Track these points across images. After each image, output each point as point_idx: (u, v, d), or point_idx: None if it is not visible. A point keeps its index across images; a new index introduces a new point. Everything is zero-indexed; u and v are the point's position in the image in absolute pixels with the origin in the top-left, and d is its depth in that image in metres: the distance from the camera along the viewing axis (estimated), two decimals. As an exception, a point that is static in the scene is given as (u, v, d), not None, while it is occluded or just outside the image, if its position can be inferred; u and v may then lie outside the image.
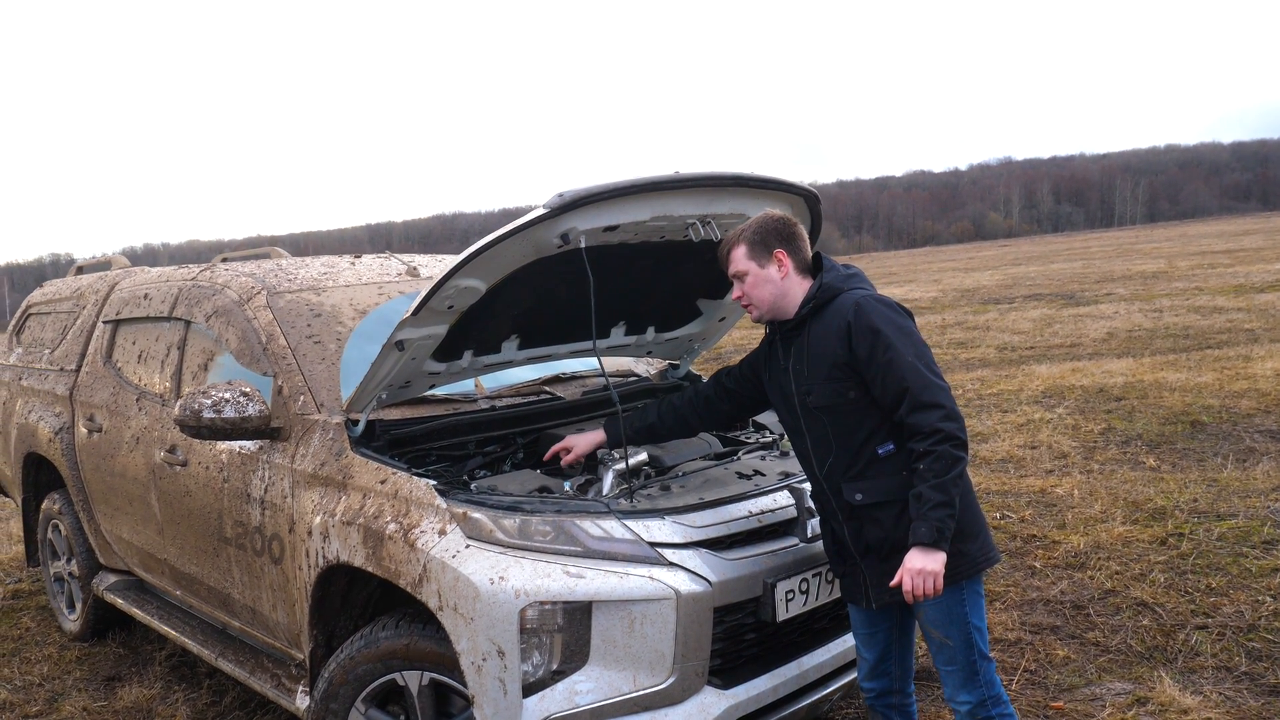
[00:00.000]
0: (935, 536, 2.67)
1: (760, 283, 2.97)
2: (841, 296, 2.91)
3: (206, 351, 4.28)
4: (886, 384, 2.78)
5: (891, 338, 2.79)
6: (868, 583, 2.94)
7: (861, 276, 3.05)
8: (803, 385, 2.95)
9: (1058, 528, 5.90)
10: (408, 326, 3.15)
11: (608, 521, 2.92)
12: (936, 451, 2.69)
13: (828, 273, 2.99)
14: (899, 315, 2.88)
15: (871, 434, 2.86)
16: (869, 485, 2.86)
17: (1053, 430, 8.75)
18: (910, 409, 2.74)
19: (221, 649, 4.16)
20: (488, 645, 2.80)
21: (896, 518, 2.83)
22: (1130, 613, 4.67)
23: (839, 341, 2.85)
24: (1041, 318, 18.74)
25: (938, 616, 2.88)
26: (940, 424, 2.70)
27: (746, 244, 2.97)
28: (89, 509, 5.08)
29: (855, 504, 2.88)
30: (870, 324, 2.80)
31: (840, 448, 2.90)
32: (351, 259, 4.73)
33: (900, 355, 2.77)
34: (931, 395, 2.74)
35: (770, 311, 3.00)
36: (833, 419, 2.90)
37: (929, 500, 2.68)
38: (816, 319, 2.93)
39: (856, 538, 2.92)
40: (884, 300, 2.90)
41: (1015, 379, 11.70)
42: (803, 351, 2.95)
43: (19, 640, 5.46)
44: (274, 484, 3.65)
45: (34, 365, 5.66)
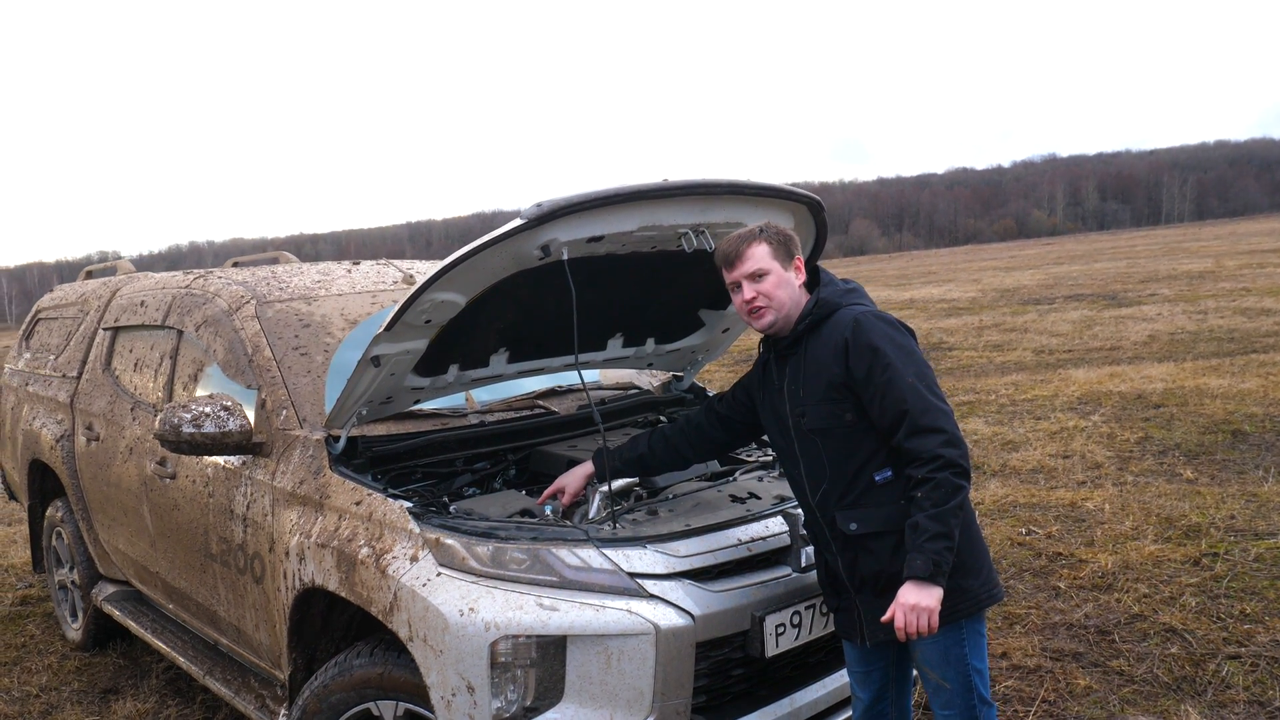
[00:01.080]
0: (931, 570, 2.49)
1: (783, 284, 2.77)
2: (840, 312, 2.75)
3: (197, 362, 4.18)
4: (885, 406, 2.60)
5: (891, 356, 2.62)
6: (862, 618, 2.76)
7: (861, 292, 2.88)
8: (797, 406, 2.78)
9: (1085, 545, 5.67)
10: (383, 342, 3.02)
11: (586, 550, 2.76)
12: (936, 479, 2.52)
13: (825, 288, 2.83)
14: (899, 333, 2.71)
15: (868, 460, 2.68)
16: (864, 514, 2.69)
17: (1087, 439, 8.49)
18: (909, 433, 2.57)
19: (210, 666, 4.06)
20: (457, 680, 2.66)
21: (894, 549, 2.65)
22: (1158, 639, 4.44)
23: (836, 360, 2.68)
24: (1081, 319, 18.33)
25: (935, 656, 2.69)
26: (941, 449, 2.53)
27: (770, 244, 2.79)
28: (88, 518, 5.01)
29: (850, 534, 2.70)
30: (869, 342, 2.64)
31: (835, 474, 2.72)
32: (349, 266, 4.61)
33: (900, 375, 2.60)
34: (932, 419, 2.56)
35: (784, 320, 2.80)
36: (827, 443, 2.73)
37: (926, 531, 2.50)
38: (813, 336, 2.77)
39: (851, 570, 2.74)
40: (884, 317, 2.73)
41: (1051, 384, 11.41)
42: (798, 371, 2.78)
43: (22, 648, 5.41)
44: (255, 501, 3.53)
45: (39, 371, 5.61)
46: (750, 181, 3.17)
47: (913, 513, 2.54)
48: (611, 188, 2.88)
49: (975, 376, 12.76)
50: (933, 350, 15.74)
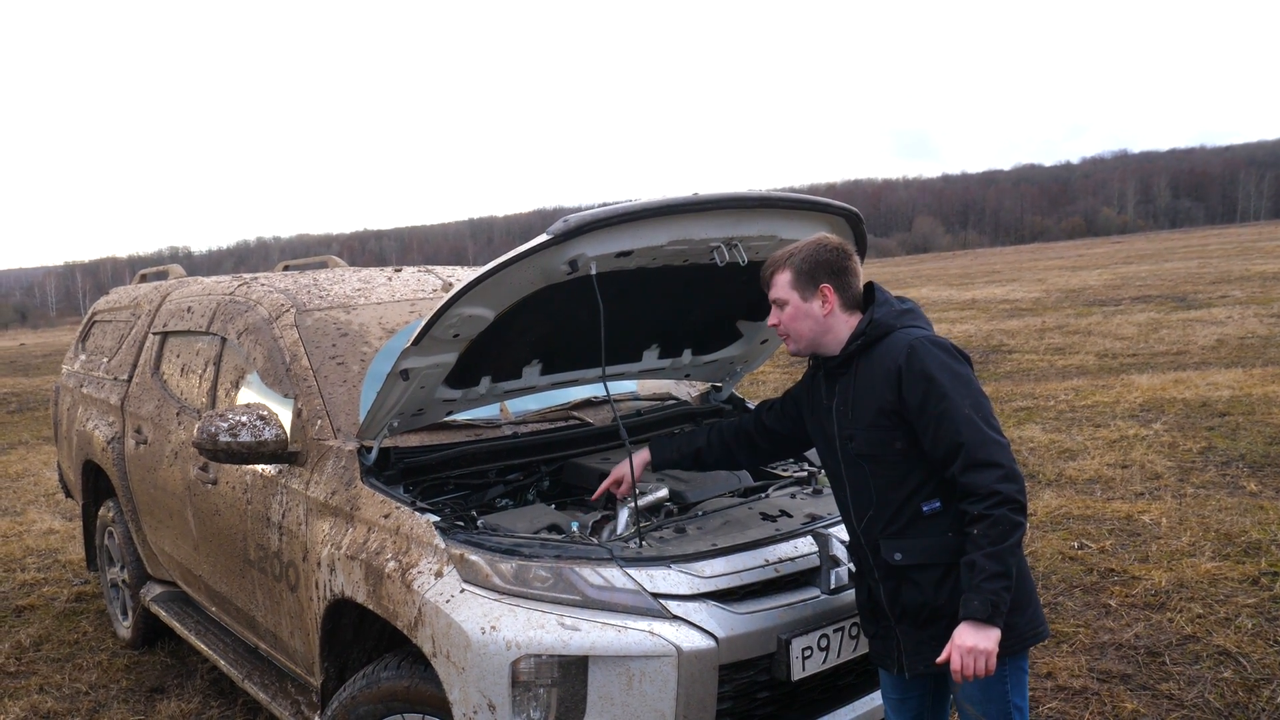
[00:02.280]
0: (990, 611, 2.39)
1: (800, 316, 2.72)
2: (894, 335, 2.64)
3: (239, 369, 4.23)
4: (939, 437, 2.51)
5: (947, 386, 2.51)
6: (902, 649, 2.67)
7: (917, 313, 2.76)
8: (845, 429, 2.69)
9: (1139, 561, 5.51)
10: (412, 356, 3.02)
11: (609, 569, 2.74)
12: (993, 516, 2.41)
13: (880, 307, 2.71)
14: (956, 361, 2.59)
15: (917, 489, 2.59)
16: (910, 545, 2.60)
17: (1147, 448, 8.27)
18: (965, 467, 2.46)
19: (249, 670, 4.11)
20: (479, 697, 2.65)
21: (938, 582, 2.57)
22: (1210, 662, 4.30)
23: (888, 386, 2.58)
24: (1148, 322, 17.88)
25: (976, 693, 2.60)
26: (998, 485, 2.43)
27: (793, 272, 2.72)
28: (137, 519, 5.11)
29: (894, 563, 2.61)
30: (924, 369, 2.53)
31: (881, 501, 2.64)
32: (390, 273, 4.64)
33: (956, 407, 2.49)
34: (989, 453, 2.45)
35: (809, 346, 2.75)
36: (875, 469, 2.64)
37: (984, 570, 2.40)
38: (865, 358, 2.67)
39: (893, 599, 2.65)
40: (940, 343, 2.61)
41: (1113, 390, 11.14)
42: (848, 392, 2.69)
43: (75, 645, 5.53)
44: (291, 510, 3.56)
45: (93, 373, 5.73)
46: (782, 195, 3.12)
47: (969, 550, 2.45)
48: (639, 202, 2.85)
49: (1035, 381, 12.50)
50: (992, 353, 15.47)
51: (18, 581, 6.72)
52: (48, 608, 6.17)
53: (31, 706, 4.71)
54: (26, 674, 5.16)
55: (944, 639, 2.55)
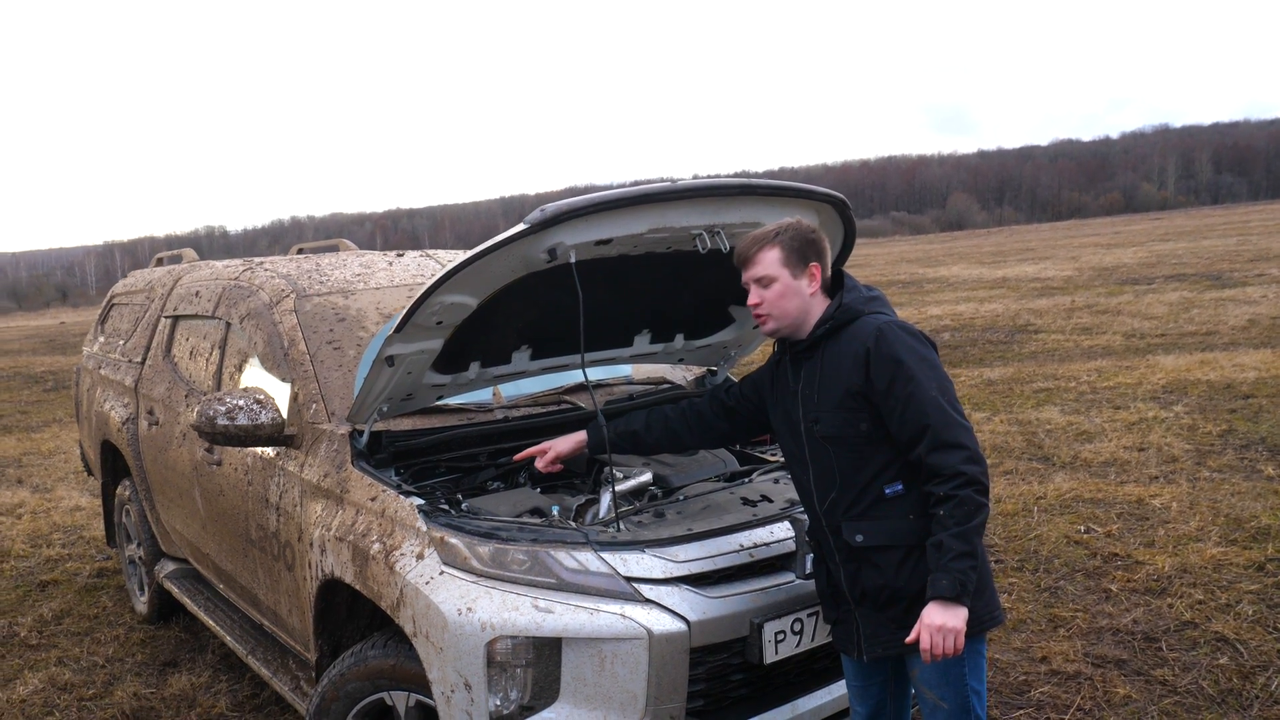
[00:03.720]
0: (957, 590, 2.42)
1: (790, 294, 2.71)
2: (862, 320, 2.68)
3: (242, 353, 4.31)
4: (905, 419, 2.54)
5: (914, 369, 2.55)
6: (861, 632, 2.71)
7: (883, 301, 2.79)
8: (811, 412, 2.72)
9: (1145, 545, 5.49)
10: (396, 342, 3.08)
11: (584, 553, 2.79)
12: (959, 496, 2.45)
13: (849, 292, 2.74)
14: (922, 345, 2.63)
15: (880, 471, 2.62)
16: (872, 526, 2.63)
17: (1166, 430, 8.21)
18: (930, 448, 2.50)
19: (253, 645, 4.21)
20: (456, 676, 2.72)
21: (899, 564, 2.60)
22: (1208, 649, 4.29)
23: (856, 369, 2.62)
24: (1180, 301, 17.66)
25: (933, 676, 2.63)
26: (963, 466, 2.47)
27: (783, 249, 2.71)
28: (150, 498, 5.23)
29: (855, 545, 2.64)
30: (892, 353, 2.57)
31: (845, 484, 2.66)
32: (392, 258, 4.70)
33: (923, 389, 2.53)
34: (954, 435, 2.50)
35: (790, 327, 2.75)
36: (839, 451, 2.67)
37: (951, 550, 2.43)
38: (832, 341, 2.70)
39: (853, 582, 2.69)
40: (907, 328, 2.65)
41: (1136, 371, 11.05)
42: (814, 375, 2.72)
43: (94, 619, 5.68)
44: (287, 491, 3.65)
45: (110, 355, 5.86)
46: (763, 182, 3.13)
47: (934, 531, 2.48)
48: (616, 192, 2.88)
49: (1058, 362, 12.40)
50: (1017, 333, 15.35)
51: (44, 557, 6.90)
52: (70, 583, 6.33)
53: (50, 678, 4.85)
54: (47, 646, 5.31)
55: (902, 622, 2.60)
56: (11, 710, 4.53)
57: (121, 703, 4.54)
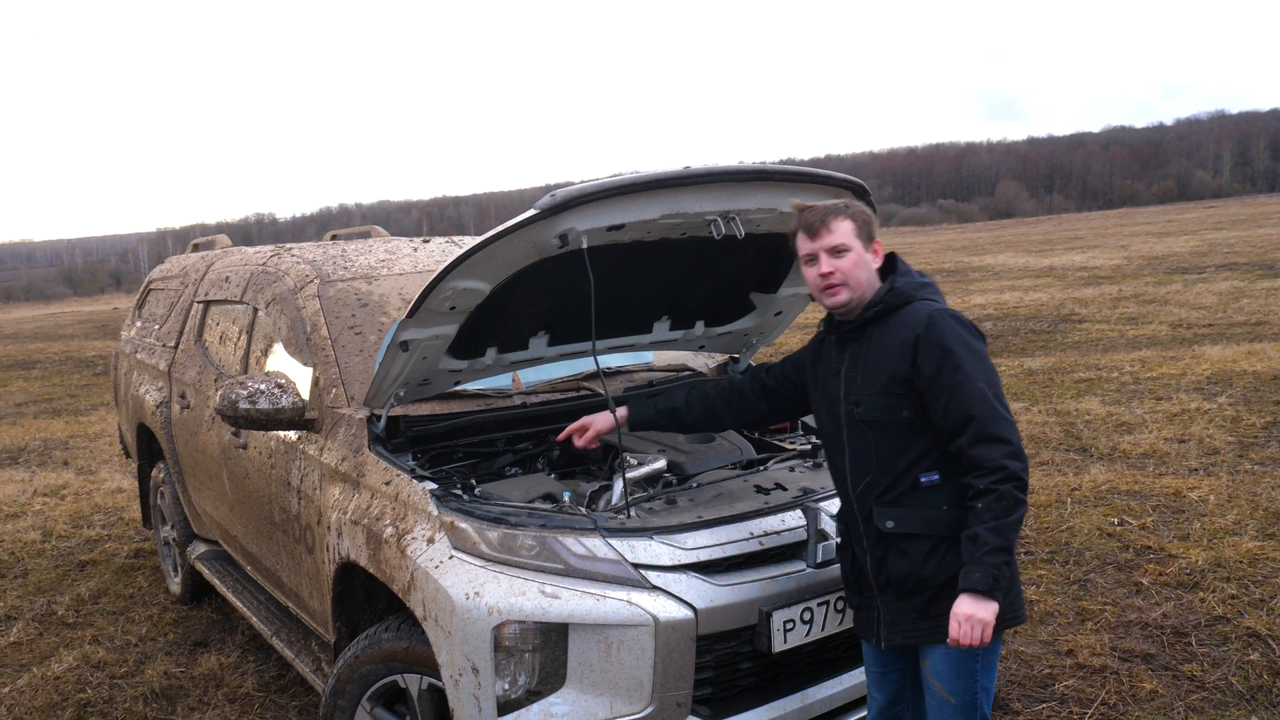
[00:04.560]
0: (990, 584, 2.40)
1: (862, 264, 2.67)
2: (913, 305, 2.65)
3: (268, 338, 4.36)
4: (950, 409, 2.51)
5: (963, 359, 2.52)
6: (881, 619, 2.69)
7: (935, 288, 2.76)
8: (853, 394, 2.69)
9: (1179, 539, 5.39)
10: (410, 328, 3.09)
11: (592, 539, 2.79)
12: (999, 491, 2.42)
13: (901, 276, 2.72)
14: (972, 336, 2.59)
15: (917, 459, 2.59)
16: (903, 514, 2.60)
17: (1208, 422, 8.04)
18: (974, 440, 2.47)
19: (278, 627, 4.27)
20: (463, 660, 2.73)
21: (926, 554, 2.57)
22: (1238, 644, 4.21)
23: (903, 354, 2.58)
24: (1230, 291, 17.27)
25: (945, 670, 2.60)
26: (1005, 461, 2.44)
27: (854, 221, 2.68)
28: (182, 481, 5.31)
29: (885, 531, 2.62)
30: (942, 341, 2.54)
31: (880, 469, 2.64)
32: (417, 244, 4.72)
33: (970, 380, 2.50)
34: (999, 428, 2.47)
35: (859, 301, 2.69)
36: (879, 436, 2.64)
37: (987, 543, 2.41)
38: (881, 325, 2.67)
39: (878, 568, 2.66)
40: (958, 317, 2.61)
41: (1181, 361, 10.83)
42: (859, 357, 2.69)
43: (130, 599, 5.79)
44: (307, 475, 3.68)
45: (146, 340, 5.95)
46: (778, 167, 3.10)
47: (971, 523, 2.46)
48: (627, 177, 2.86)
49: (1101, 352, 12.20)
50: (1061, 323, 15.12)
51: (84, 537, 7.04)
52: (109, 563, 6.46)
53: (84, 656, 4.95)
54: (83, 625, 5.42)
55: (924, 611, 2.59)
56: (46, 687, 4.64)
57: (151, 681, 4.62)
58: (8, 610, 5.69)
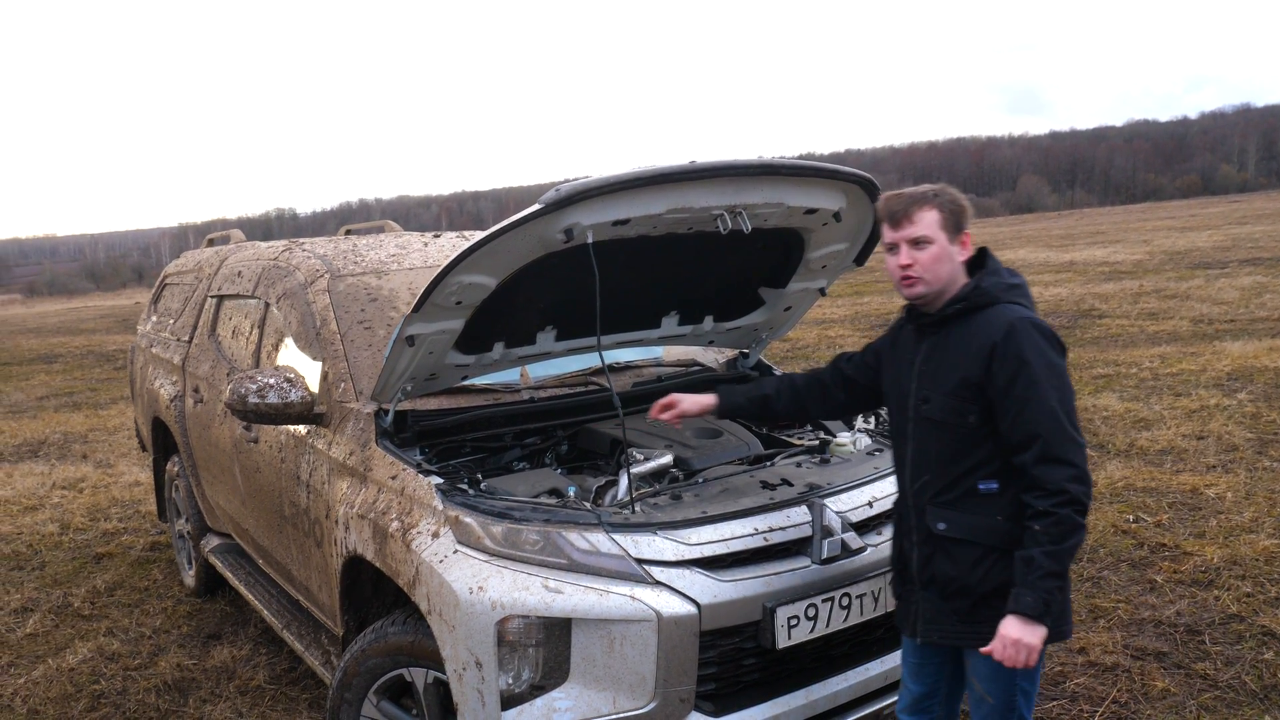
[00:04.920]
0: (1041, 610, 2.37)
1: (944, 258, 2.57)
2: (997, 308, 2.55)
3: (279, 332, 4.37)
4: (1018, 422, 2.44)
5: (1039, 374, 2.44)
6: (920, 614, 2.68)
7: (1024, 289, 2.64)
8: (923, 389, 2.64)
9: (1195, 536, 5.34)
10: (416, 322, 3.09)
11: (595, 534, 2.78)
12: (1058, 515, 2.37)
13: (989, 275, 2.60)
14: (1052, 349, 2.51)
15: (978, 465, 2.54)
16: (957, 518, 2.57)
17: (1227, 419, 7.97)
18: (1038, 459, 2.41)
19: (289, 620, 4.29)
20: (467, 655, 2.74)
21: (974, 561, 2.54)
22: (1253, 643, 4.17)
23: (978, 360, 2.51)
24: (1252, 286, 17.09)
25: (986, 671, 2.57)
26: (1068, 485, 2.38)
27: (941, 211, 2.56)
28: (196, 474, 5.34)
29: (936, 532, 2.60)
30: (1020, 353, 2.45)
31: (940, 469, 2.60)
32: (428, 239, 4.73)
33: (1043, 396, 2.42)
34: (1066, 450, 2.40)
35: (936, 294, 2.61)
36: (942, 436, 2.59)
37: (1041, 568, 2.36)
38: (961, 323, 2.58)
39: (924, 565, 2.65)
40: (1041, 327, 2.51)
41: (1201, 357, 10.73)
42: (935, 353, 2.63)
43: (145, 591, 5.83)
44: (316, 469, 3.70)
45: (161, 334, 5.99)
46: (785, 162, 3.09)
47: (1026, 544, 2.41)
48: (632, 171, 2.86)
49: (1121, 348, 12.09)
50: (1081, 318, 15.00)
51: (100, 530, 7.10)
52: (125, 556, 6.51)
53: (98, 648, 5.00)
54: (99, 617, 5.46)
55: (965, 615, 2.58)
56: (60, 678, 4.68)
57: (164, 673, 4.65)
58: (25, 602, 5.74)
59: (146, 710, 4.33)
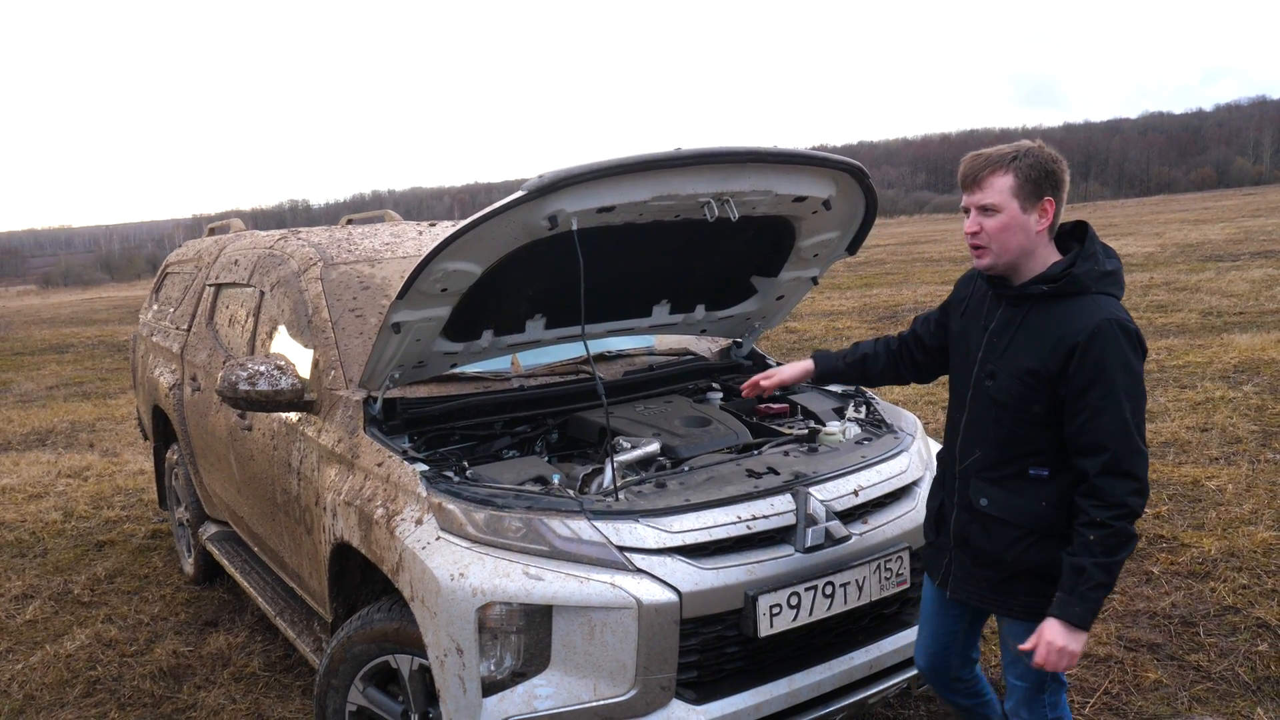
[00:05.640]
0: (1087, 620, 2.38)
1: (1014, 228, 2.45)
2: (1085, 300, 2.42)
3: (273, 320, 4.38)
4: (1087, 428, 2.37)
5: (1118, 385, 2.35)
6: (952, 571, 2.73)
7: (1118, 277, 2.51)
8: (990, 363, 2.56)
9: (1193, 528, 5.31)
10: (401, 309, 3.09)
11: (577, 522, 2.78)
12: (1115, 528, 2.33)
13: (1085, 260, 2.45)
14: (1134, 353, 2.40)
15: (1032, 452, 2.51)
16: (1001, 496, 2.56)
17: (1232, 411, 7.91)
18: (1103, 470, 2.35)
19: (282, 607, 4.30)
20: (448, 641, 2.74)
21: (1012, 541, 2.55)
22: (1247, 635, 4.14)
23: (1056, 355, 2.41)
24: (1263, 278, 16.96)
25: (1020, 633, 2.57)
26: (1129, 499, 2.34)
27: (1018, 177, 2.43)
28: (194, 462, 5.36)
29: (978, 507, 2.61)
30: (1101, 360, 2.35)
31: (994, 448, 2.57)
32: (424, 227, 4.73)
33: (1118, 407, 2.35)
34: (1131, 463, 2.35)
35: (1007, 266, 2.51)
36: (1002, 416, 2.53)
37: (1092, 579, 2.35)
38: (1044, 306, 2.47)
39: (961, 530, 2.68)
40: (1127, 329, 2.38)
41: (1209, 350, 10.66)
42: (1010, 327, 2.53)
43: (144, 579, 5.86)
44: (306, 457, 3.70)
45: (161, 323, 6.01)
46: (773, 149, 3.07)
47: (1078, 552, 2.38)
48: (617, 158, 2.85)
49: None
50: (1089, 310, 14.91)
51: (103, 518, 7.13)
52: (126, 543, 6.54)
53: (96, 634, 5.02)
54: (98, 604, 5.49)
55: (995, 586, 2.62)
56: (57, 664, 4.71)
57: (160, 660, 4.68)
58: (25, 589, 5.78)
59: (141, 696, 4.35)
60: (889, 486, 3.22)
